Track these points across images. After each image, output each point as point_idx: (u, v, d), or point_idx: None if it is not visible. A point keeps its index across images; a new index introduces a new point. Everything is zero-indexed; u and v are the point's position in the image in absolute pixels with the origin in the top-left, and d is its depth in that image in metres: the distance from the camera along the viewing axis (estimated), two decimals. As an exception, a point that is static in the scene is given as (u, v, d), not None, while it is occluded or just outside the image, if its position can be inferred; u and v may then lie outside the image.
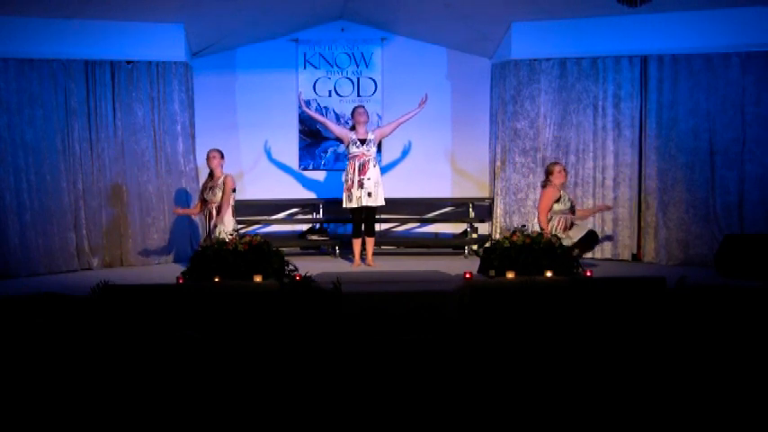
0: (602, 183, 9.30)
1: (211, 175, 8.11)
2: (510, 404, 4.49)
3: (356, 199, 8.51)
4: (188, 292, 6.65)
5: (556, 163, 8.23)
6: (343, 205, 8.65)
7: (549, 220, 7.85)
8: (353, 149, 8.57)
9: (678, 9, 8.71)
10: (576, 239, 7.78)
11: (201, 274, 6.86)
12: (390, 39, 10.27)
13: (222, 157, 8.11)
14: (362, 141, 8.57)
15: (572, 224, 7.96)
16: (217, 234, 7.74)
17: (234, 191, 8.08)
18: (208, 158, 8.09)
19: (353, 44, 10.28)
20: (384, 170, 9.67)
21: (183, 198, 9.26)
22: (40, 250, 8.54)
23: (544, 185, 7.99)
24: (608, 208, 8.79)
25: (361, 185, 8.48)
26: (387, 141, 9.77)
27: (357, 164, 8.53)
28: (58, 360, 5.17)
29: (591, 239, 7.92)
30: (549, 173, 8.00)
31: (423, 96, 8.74)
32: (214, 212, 7.98)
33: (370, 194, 8.50)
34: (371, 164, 8.56)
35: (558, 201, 7.85)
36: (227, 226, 7.90)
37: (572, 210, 8.02)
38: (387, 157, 10.19)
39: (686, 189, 8.96)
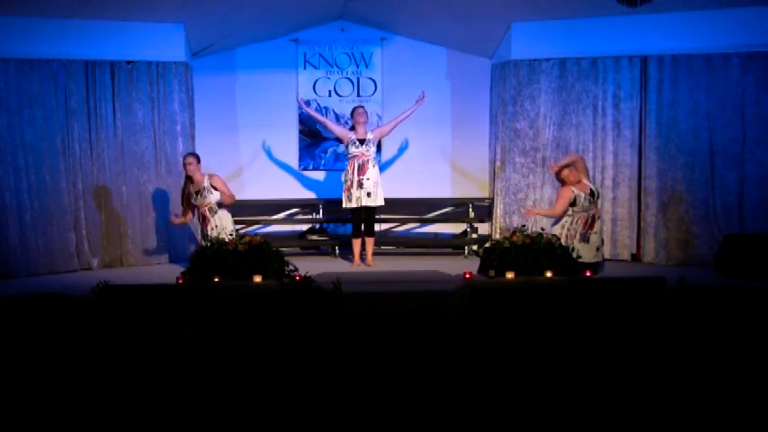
0: (602, 183, 9.29)
1: (190, 179, 8.05)
2: (510, 404, 4.49)
3: (355, 199, 8.51)
4: (188, 292, 6.65)
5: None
6: (343, 205, 8.66)
7: (570, 215, 7.72)
8: (353, 149, 8.57)
9: (678, 9, 8.71)
10: (590, 251, 7.69)
11: (201, 275, 6.86)
12: (390, 39, 10.27)
13: (198, 161, 8.07)
14: (362, 141, 8.57)
15: (592, 220, 7.80)
16: (216, 235, 7.68)
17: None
18: (184, 165, 8.04)
19: (353, 44, 10.28)
20: (382, 168, 9.68)
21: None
22: (40, 250, 8.53)
23: (563, 183, 7.85)
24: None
25: (360, 185, 8.48)
26: (386, 141, 9.78)
27: (356, 164, 8.53)
28: (58, 360, 5.17)
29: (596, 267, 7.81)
30: (559, 175, 7.88)
31: (420, 94, 8.75)
32: (208, 215, 7.96)
33: (369, 194, 8.50)
34: (371, 164, 8.56)
35: (573, 203, 7.74)
36: (226, 227, 7.89)
37: (594, 199, 7.86)
38: (385, 156, 10.20)
39: (686, 189, 8.96)
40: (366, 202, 8.51)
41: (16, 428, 4.24)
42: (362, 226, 8.66)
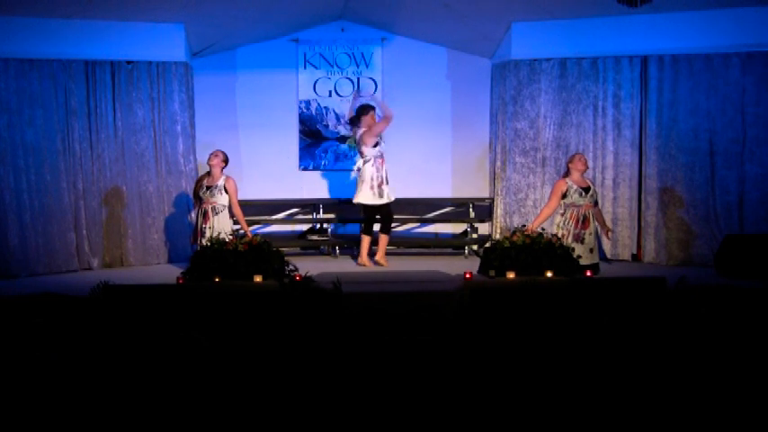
0: (602, 183, 9.29)
1: (209, 173, 8.11)
2: (511, 404, 4.49)
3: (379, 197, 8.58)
4: (188, 292, 6.65)
5: (577, 152, 8.42)
6: (368, 202, 8.62)
7: (563, 214, 7.83)
8: (377, 151, 8.62)
9: (678, 9, 8.71)
10: (584, 252, 7.69)
11: (202, 275, 6.86)
12: (390, 39, 10.27)
13: (225, 161, 8.10)
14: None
15: (585, 218, 7.82)
16: (210, 235, 7.68)
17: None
18: (210, 156, 8.09)
19: (353, 44, 10.28)
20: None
21: (183, 199, 9.25)
22: (40, 250, 8.53)
23: (565, 176, 7.96)
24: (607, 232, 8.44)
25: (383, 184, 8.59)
26: (386, 141, 9.74)
27: (382, 164, 8.63)
28: (58, 360, 5.17)
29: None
30: (569, 161, 8.02)
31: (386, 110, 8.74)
32: (210, 213, 7.97)
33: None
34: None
35: (565, 195, 7.80)
36: (223, 229, 7.87)
37: (593, 203, 7.92)
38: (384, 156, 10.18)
39: (686, 189, 8.96)
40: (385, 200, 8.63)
41: (17, 429, 4.24)
42: (376, 224, 8.68)
